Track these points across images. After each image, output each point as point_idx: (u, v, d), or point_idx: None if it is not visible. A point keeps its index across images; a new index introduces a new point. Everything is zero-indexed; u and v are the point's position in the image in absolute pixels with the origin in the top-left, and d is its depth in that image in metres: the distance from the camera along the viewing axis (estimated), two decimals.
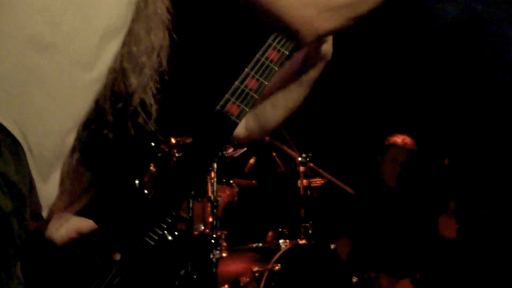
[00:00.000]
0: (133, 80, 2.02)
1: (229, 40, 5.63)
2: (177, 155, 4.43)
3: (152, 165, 4.47)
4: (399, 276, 5.14)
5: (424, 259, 5.10)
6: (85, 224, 2.08)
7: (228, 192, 5.07)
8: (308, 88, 2.27)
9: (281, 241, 4.85)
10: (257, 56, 2.10)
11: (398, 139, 5.45)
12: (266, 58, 2.08)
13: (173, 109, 2.24)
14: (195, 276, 4.56)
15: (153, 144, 2.16)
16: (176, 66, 2.19)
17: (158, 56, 2.08)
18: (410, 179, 5.39)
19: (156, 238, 2.01)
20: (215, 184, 4.63)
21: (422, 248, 5.12)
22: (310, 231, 4.99)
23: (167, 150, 4.55)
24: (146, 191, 2.13)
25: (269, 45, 2.09)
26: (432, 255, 5.12)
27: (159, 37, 2.06)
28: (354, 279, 4.75)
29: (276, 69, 2.08)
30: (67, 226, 2.08)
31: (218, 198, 4.66)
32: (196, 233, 4.69)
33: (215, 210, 4.60)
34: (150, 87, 2.07)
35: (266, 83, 2.08)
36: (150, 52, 2.05)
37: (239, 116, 2.08)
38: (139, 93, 2.05)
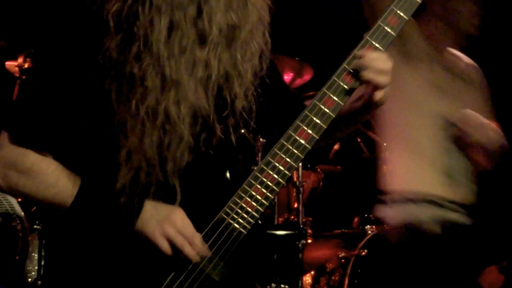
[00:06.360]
0: (237, 87, 2.04)
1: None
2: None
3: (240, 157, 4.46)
4: (486, 263, 5.03)
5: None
6: None
7: (313, 178, 5.05)
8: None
9: (367, 226, 4.80)
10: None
11: None
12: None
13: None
14: (281, 263, 4.56)
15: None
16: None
17: (260, 60, 2.09)
18: None
19: (247, 226, 2.02)
20: (300, 169, 4.61)
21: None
22: None
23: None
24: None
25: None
26: None
27: (260, 42, 2.07)
28: None
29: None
30: None
31: (303, 184, 4.64)
32: (281, 219, 4.68)
33: (300, 196, 4.58)
34: (252, 93, 2.08)
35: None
36: (252, 57, 2.06)
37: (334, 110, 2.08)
38: (241, 100, 2.06)
